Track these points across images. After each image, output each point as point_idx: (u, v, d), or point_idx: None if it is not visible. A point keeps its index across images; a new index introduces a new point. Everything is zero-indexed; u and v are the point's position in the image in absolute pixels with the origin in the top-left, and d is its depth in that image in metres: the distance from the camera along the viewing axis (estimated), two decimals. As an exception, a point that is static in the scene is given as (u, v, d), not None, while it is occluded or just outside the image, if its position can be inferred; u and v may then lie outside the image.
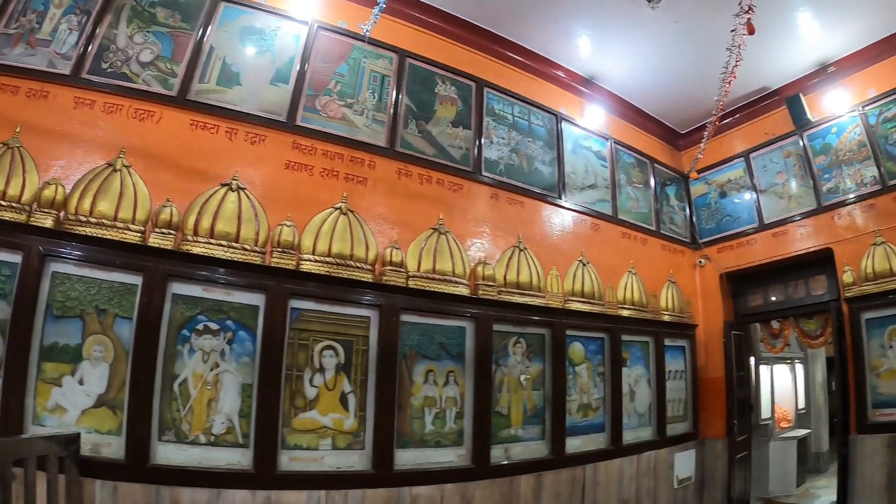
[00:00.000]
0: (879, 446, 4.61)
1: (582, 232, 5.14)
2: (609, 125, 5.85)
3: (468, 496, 3.59)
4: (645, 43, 5.06)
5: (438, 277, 3.80)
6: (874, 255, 4.90)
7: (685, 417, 5.68)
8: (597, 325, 4.84)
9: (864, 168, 5.20)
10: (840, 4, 4.70)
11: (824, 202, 5.45)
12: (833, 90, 5.46)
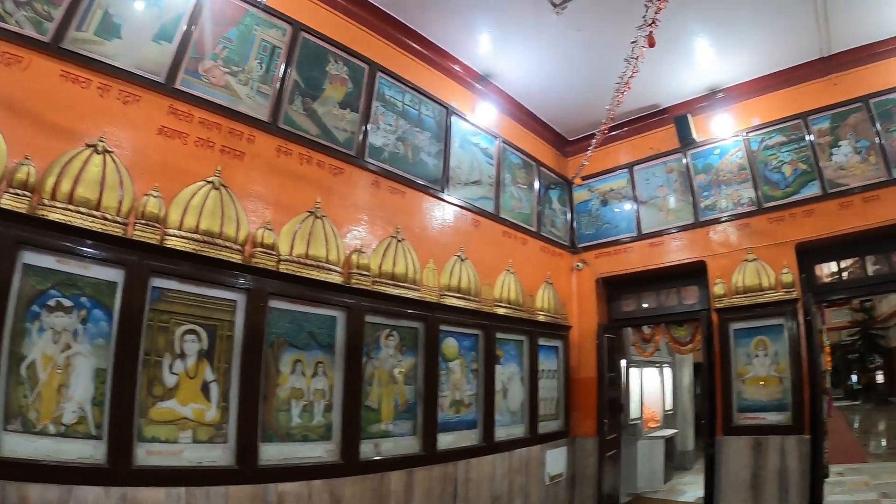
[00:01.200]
0: (744, 447, 5.95)
1: (462, 227, 5.82)
2: (499, 124, 6.65)
3: (337, 493, 3.94)
4: (545, 47, 5.90)
5: (311, 263, 4.11)
6: (745, 270, 6.28)
7: (557, 416, 6.71)
8: (472, 321, 5.52)
9: (742, 189, 6.62)
10: (736, 36, 5.95)
11: (701, 218, 6.81)
12: (720, 114, 6.84)
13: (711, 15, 5.56)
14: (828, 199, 6.03)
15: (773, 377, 6.00)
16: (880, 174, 5.81)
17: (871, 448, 11.94)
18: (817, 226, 6.07)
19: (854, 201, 5.87)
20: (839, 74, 6.21)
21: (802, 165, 6.26)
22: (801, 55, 6.24)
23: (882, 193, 5.74)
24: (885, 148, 5.82)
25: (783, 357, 5.96)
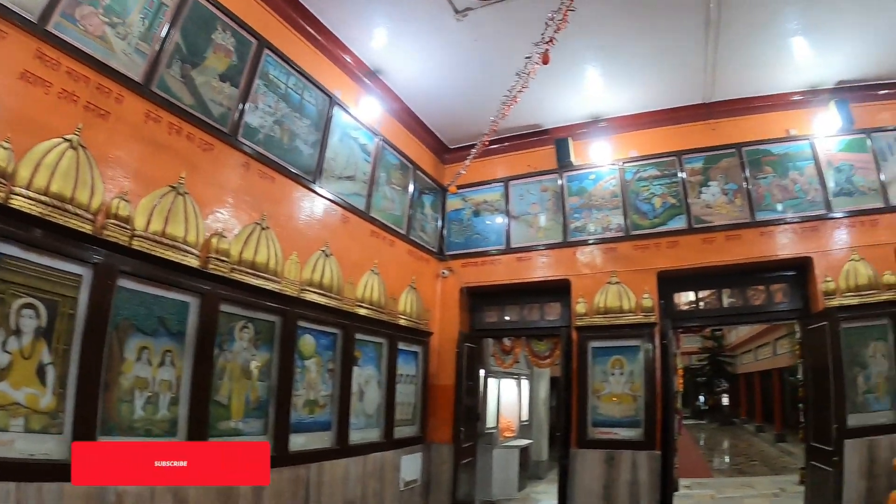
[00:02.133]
0: (597, 460, 6.82)
1: (330, 222, 6.06)
2: (382, 122, 7.03)
3: (182, 494, 3.90)
4: (439, 52, 6.39)
5: (167, 242, 4.07)
6: (608, 292, 7.23)
7: (414, 421, 7.20)
8: (332, 319, 5.77)
9: (612, 215, 7.62)
10: (626, 70, 6.87)
11: (570, 238, 7.72)
12: (600, 142, 7.83)
13: (607, 45, 6.44)
14: (692, 234, 7.23)
15: (627, 395, 6.98)
16: (744, 216, 7.12)
17: (715, 464, 14.30)
18: (680, 257, 7.21)
19: (717, 238, 7.12)
20: (718, 121, 7.50)
21: (672, 200, 7.42)
22: (684, 98, 7.44)
23: (743, 233, 7.04)
24: (751, 193, 7.14)
25: (638, 376, 6.96)
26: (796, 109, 7.40)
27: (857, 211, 6.91)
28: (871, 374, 6.43)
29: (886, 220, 6.80)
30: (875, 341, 6.47)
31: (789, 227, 6.97)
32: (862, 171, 7.04)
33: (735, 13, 5.92)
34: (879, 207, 6.86)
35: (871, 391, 6.40)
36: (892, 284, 6.48)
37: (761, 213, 7.09)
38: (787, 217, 7.01)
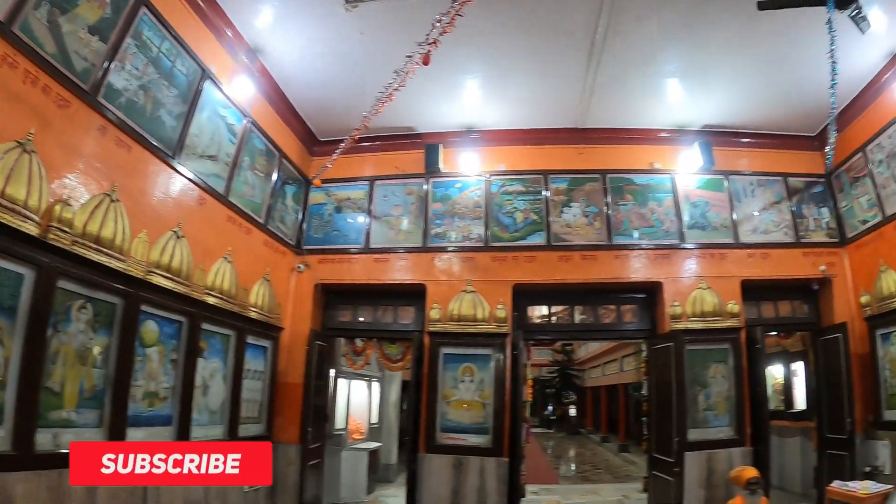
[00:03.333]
0: (445, 465, 7.20)
1: (186, 202, 5.88)
2: (253, 104, 6.99)
3: (8, 489, 3.67)
4: (323, 40, 6.50)
5: (6, 204, 3.78)
6: (463, 300, 7.70)
7: (260, 419, 7.17)
8: (178, 306, 5.61)
9: (473, 225, 8.12)
10: (505, 85, 7.41)
11: (429, 243, 8.11)
12: (470, 152, 8.31)
13: (490, 59, 6.95)
14: (550, 250, 7.95)
15: (477, 402, 7.48)
16: (601, 238, 8.00)
17: (562, 471, 15.52)
18: (536, 272, 7.87)
19: (574, 257, 7.91)
20: (587, 146, 8.36)
21: (534, 216, 8.12)
22: (558, 120, 8.20)
23: (599, 255, 7.90)
24: (610, 217, 8.05)
25: (488, 385, 7.49)
26: (662, 145, 8.54)
27: (709, 244, 8.15)
28: (712, 394, 7.57)
29: (735, 255, 8.11)
30: (716, 363, 7.63)
31: (643, 253, 7.98)
32: (716, 208, 8.33)
33: (619, 47, 6.70)
34: (729, 243, 8.18)
35: (711, 409, 7.52)
36: (735, 313, 7.73)
37: (618, 238, 8.04)
38: (642, 243, 8.03)
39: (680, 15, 6.26)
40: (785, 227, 8.42)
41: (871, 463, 7.39)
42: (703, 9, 6.16)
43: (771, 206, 8.51)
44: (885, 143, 7.46)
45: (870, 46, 6.67)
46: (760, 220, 8.41)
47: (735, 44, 6.73)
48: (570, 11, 6.20)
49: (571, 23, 6.36)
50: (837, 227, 8.51)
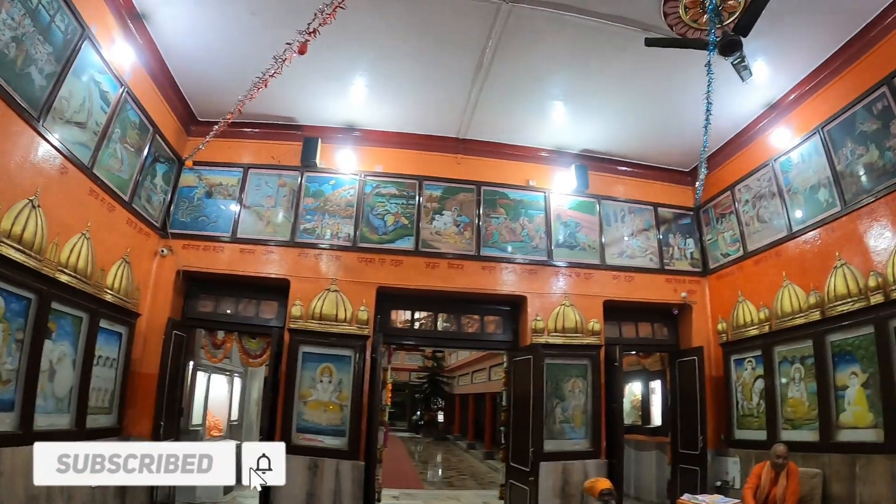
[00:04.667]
0: (301, 466, 7.28)
1: (47, 169, 5.60)
2: (132, 72, 6.86)
3: None
4: (213, 16, 6.53)
5: None
6: (326, 299, 7.89)
7: (110, 410, 6.97)
8: (27, 281, 5.30)
9: (343, 224, 8.35)
10: (391, 86, 7.68)
11: (298, 238, 8.25)
12: (348, 150, 8.58)
13: (379, 60, 7.23)
14: (418, 256, 8.33)
15: (334, 404, 7.65)
16: (470, 249, 8.49)
17: (428, 476, 15.92)
18: (402, 276, 8.22)
19: (441, 264, 8.33)
20: (465, 157, 8.88)
21: (405, 220, 8.48)
22: (439, 128, 8.65)
23: (466, 265, 8.37)
24: (480, 229, 8.56)
25: (347, 386, 7.69)
26: (540, 164, 9.25)
27: (576, 263, 8.90)
28: (569, 407, 8.24)
29: (600, 276, 8.93)
30: (575, 378, 8.33)
31: (510, 267, 8.59)
32: (586, 230, 9.13)
33: (507, 65, 7.22)
34: (596, 264, 9.00)
35: (568, 421, 8.19)
36: (596, 331, 8.51)
37: (487, 249, 8.59)
38: (510, 257, 8.62)
39: (569, 43, 6.85)
40: (651, 253, 9.45)
41: (721, 478, 8.46)
42: (592, 39, 6.76)
43: (639, 232, 9.51)
44: (753, 185, 8.68)
45: (751, 94, 7.71)
46: (628, 244, 9.37)
47: (621, 76, 7.45)
48: (464, 24, 6.59)
49: (463, 35, 6.76)
50: (701, 258, 9.69)
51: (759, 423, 8.07)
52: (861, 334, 6.65)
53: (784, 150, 8.11)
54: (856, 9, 6.46)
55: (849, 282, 6.83)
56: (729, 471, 8.36)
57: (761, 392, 8.10)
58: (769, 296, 8.14)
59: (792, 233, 7.93)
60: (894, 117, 6.45)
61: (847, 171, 7.11)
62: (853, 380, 6.73)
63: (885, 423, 6.18)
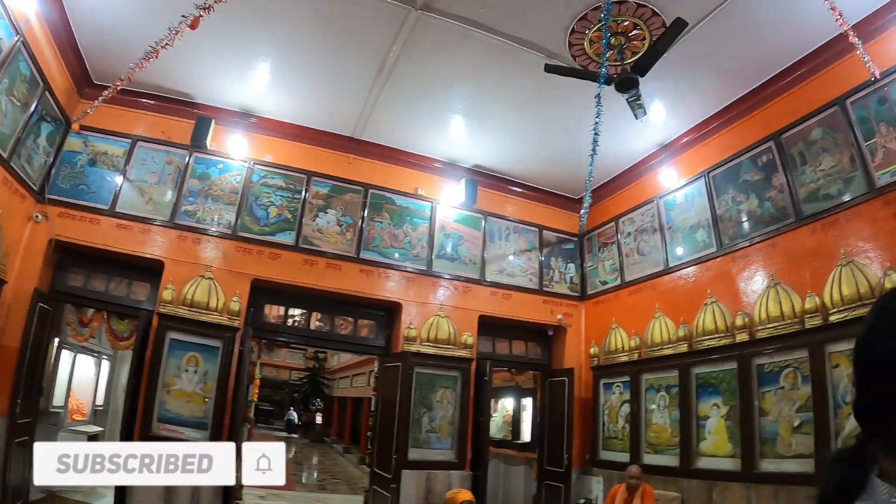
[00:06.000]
0: None
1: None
2: (31, 22, 6.61)
3: None
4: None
5: None
6: (199, 285, 7.87)
7: None
8: None
9: (225, 210, 8.44)
10: (294, 76, 7.82)
11: (177, 220, 8.22)
12: (241, 135, 8.66)
13: (285, 47, 7.42)
14: (297, 252, 8.57)
15: (198, 395, 7.56)
16: (350, 250, 8.80)
17: (302, 478, 16.00)
18: (279, 270, 8.40)
19: (319, 262, 8.56)
20: (357, 157, 9.20)
21: (288, 214, 8.70)
22: (336, 125, 8.93)
23: (345, 266, 8.66)
24: (363, 231, 8.86)
25: (212, 378, 7.63)
26: (431, 174, 9.71)
27: (455, 276, 9.39)
28: (437, 417, 8.61)
29: (478, 291, 9.51)
30: (444, 389, 8.72)
31: (389, 272, 8.99)
32: (469, 244, 9.69)
33: (409, 71, 7.58)
34: (475, 278, 9.55)
35: (435, 431, 8.55)
36: (469, 345, 9.01)
37: (367, 253, 8.95)
38: (389, 262, 9.02)
39: (473, 58, 7.28)
40: (531, 273, 10.21)
41: (585, 496, 9.20)
42: (496, 58, 7.22)
43: (522, 252, 10.24)
44: (637, 220, 9.58)
45: (645, 133, 8.52)
46: (509, 263, 10.06)
47: (520, 97, 8.01)
48: (372, 24, 6.84)
49: (371, 35, 7.02)
50: (580, 283, 10.57)
51: (624, 446, 8.86)
52: (725, 369, 7.54)
53: (670, 189, 9.05)
54: (753, 68, 7.42)
55: (717, 319, 7.74)
56: (592, 489, 9.11)
57: (627, 416, 8.91)
58: (641, 325, 9.01)
59: (668, 268, 8.87)
60: (777, 171, 7.42)
61: (726, 216, 8.07)
62: (714, 411, 7.60)
63: (743, 453, 7.03)
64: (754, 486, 6.79)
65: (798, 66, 7.29)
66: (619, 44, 6.79)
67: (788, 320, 6.88)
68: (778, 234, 7.34)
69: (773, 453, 6.78)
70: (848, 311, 6.22)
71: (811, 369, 6.52)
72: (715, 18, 6.58)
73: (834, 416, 6.22)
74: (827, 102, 6.91)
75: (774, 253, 7.38)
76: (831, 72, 6.94)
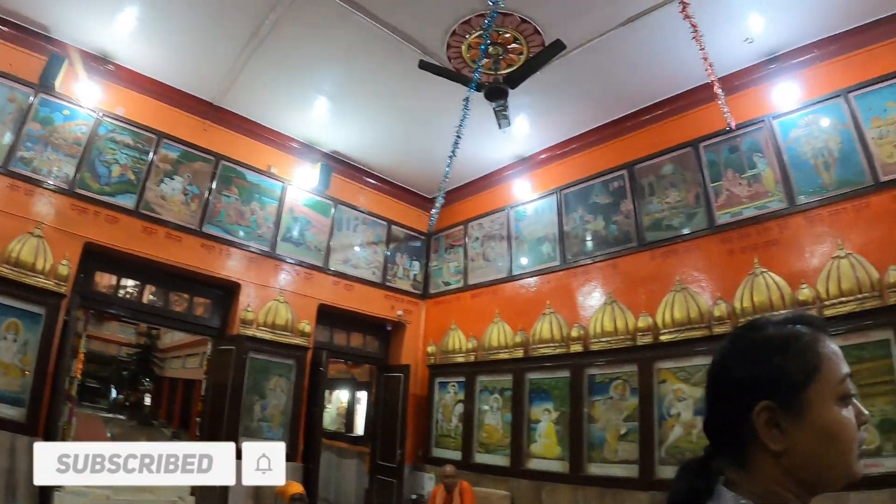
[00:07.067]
0: None
1: None
2: None
3: None
4: None
5: None
6: (26, 243, 6.83)
7: None
8: None
9: (65, 162, 7.54)
10: (163, 30, 7.25)
11: (10, 166, 7.12)
12: (94, 83, 7.75)
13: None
14: (136, 217, 7.91)
15: (16, 367, 6.73)
16: (193, 222, 8.30)
17: None
18: (116, 236, 7.71)
19: (159, 232, 7.98)
20: (214, 125, 8.70)
21: (132, 175, 8.03)
22: (197, 87, 8.41)
23: (186, 238, 8.17)
24: (209, 204, 8.42)
25: (33, 349, 6.81)
26: (287, 153, 9.44)
27: (298, 261, 9.22)
28: (269, 405, 8.40)
29: (320, 278, 9.39)
30: (278, 377, 8.55)
31: (231, 251, 8.63)
32: (316, 230, 9.53)
33: (282, 44, 7.29)
34: (318, 266, 9.43)
35: (267, 420, 8.35)
36: (306, 333, 8.86)
37: (210, 227, 8.51)
38: (232, 240, 8.67)
39: (349, 41, 7.13)
40: (375, 267, 10.26)
41: (417, 491, 9.36)
42: (372, 45, 7.12)
43: (369, 244, 10.26)
44: (486, 226, 10.00)
45: (507, 143, 8.85)
46: (355, 254, 10.04)
47: (390, 89, 8.00)
48: None
49: None
50: (423, 282, 10.75)
51: (456, 444, 9.19)
52: (558, 376, 8.12)
53: (522, 200, 9.58)
54: (619, 100, 8.08)
55: (554, 329, 8.30)
56: (425, 486, 9.30)
57: (461, 415, 9.24)
58: (480, 328, 9.40)
59: (512, 275, 9.37)
60: (626, 198, 8.18)
61: (573, 233, 8.72)
62: (546, 415, 8.13)
63: (571, 456, 7.64)
64: (581, 487, 7.39)
65: (662, 105, 8.09)
66: (497, 53, 7.05)
67: (622, 336, 7.61)
68: (619, 255, 8.14)
69: (600, 458, 7.45)
70: (678, 333, 7.05)
71: (640, 383, 7.27)
72: (593, 47, 7.03)
73: (658, 427, 6.98)
74: (682, 142, 7.83)
75: (615, 273, 8.12)
76: (691, 115, 7.82)
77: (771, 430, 1.03)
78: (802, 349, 1.07)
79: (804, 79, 6.96)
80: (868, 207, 6.17)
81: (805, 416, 1.02)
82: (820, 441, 1.02)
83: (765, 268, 6.64)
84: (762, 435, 1.03)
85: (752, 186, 7.12)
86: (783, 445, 1.02)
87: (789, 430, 1.02)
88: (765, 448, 1.03)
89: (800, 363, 1.05)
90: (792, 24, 6.65)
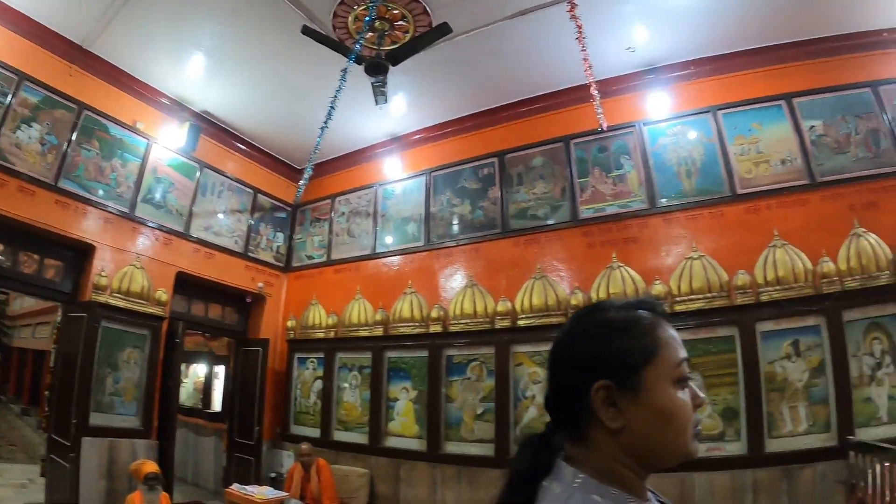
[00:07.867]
0: None
1: None
2: None
3: None
4: None
5: None
6: None
7: None
8: None
9: None
10: None
11: None
12: None
13: None
14: None
15: None
16: (48, 176, 7.47)
17: None
18: None
19: (10, 184, 7.14)
20: (81, 70, 7.87)
21: None
22: (66, 27, 7.52)
23: (40, 193, 7.36)
24: (67, 156, 7.65)
25: None
26: (156, 108, 8.83)
27: (158, 225, 8.73)
28: (122, 378, 7.92)
29: (180, 245, 8.95)
30: (132, 348, 8.09)
31: (88, 209, 7.94)
32: (179, 193, 9.07)
33: None
34: (179, 231, 8.97)
35: (119, 394, 7.85)
36: (162, 301, 8.40)
37: (67, 182, 7.70)
38: (90, 198, 7.96)
39: None
40: (238, 236, 10.02)
41: (276, 470, 9.27)
42: (258, 4, 6.81)
43: (233, 212, 10.00)
44: (353, 201, 10.08)
45: (382, 120, 8.91)
46: (217, 221, 9.72)
47: (269, 52, 7.73)
48: None
49: None
50: (286, 254, 10.68)
51: (315, 422, 9.25)
52: (417, 356, 8.36)
53: (392, 179, 9.75)
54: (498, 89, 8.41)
55: (414, 308, 8.53)
56: (284, 463, 9.23)
57: (319, 392, 9.29)
58: (341, 305, 9.47)
59: (375, 253, 9.52)
60: (494, 185, 8.58)
61: (439, 215, 8.98)
62: (404, 394, 8.36)
63: (429, 435, 7.91)
64: (439, 465, 7.70)
65: (539, 100, 8.54)
66: (382, 29, 7.03)
67: (480, 318, 8.00)
68: (483, 240, 8.55)
69: (457, 437, 7.79)
70: (535, 319, 7.51)
71: (496, 365, 7.66)
72: (478, 35, 7.20)
73: (514, 408, 7.43)
74: (554, 137, 8.37)
75: (477, 257, 8.50)
76: (566, 113, 8.33)
77: (608, 408, 1.08)
78: (642, 332, 1.14)
79: (678, 92, 7.64)
80: (723, 216, 6.98)
81: (641, 396, 1.08)
82: (655, 420, 1.08)
83: (622, 262, 7.28)
84: (600, 413, 1.08)
85: (616, 186, 7.78)
86: (620, 423, 1.08)
87: (626, 409, 1.08)
88: (603, 425, 1.09)
89: (639, 345, 1.12)
90: (673, 39, 7.24)
